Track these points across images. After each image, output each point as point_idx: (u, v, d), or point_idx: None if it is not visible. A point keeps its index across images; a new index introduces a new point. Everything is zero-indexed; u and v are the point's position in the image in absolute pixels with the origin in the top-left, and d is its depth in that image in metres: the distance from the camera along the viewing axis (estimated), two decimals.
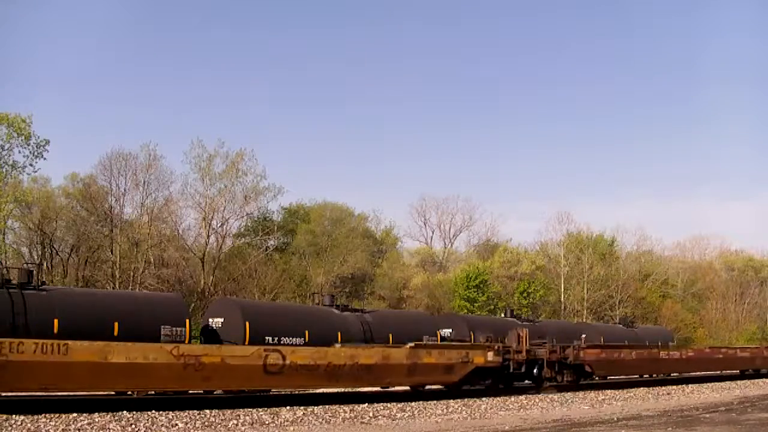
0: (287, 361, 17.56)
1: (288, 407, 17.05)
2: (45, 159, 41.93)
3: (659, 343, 34.84)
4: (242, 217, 53.03)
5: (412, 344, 21.11)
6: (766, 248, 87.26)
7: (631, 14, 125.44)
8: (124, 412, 14.82)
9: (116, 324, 18.92)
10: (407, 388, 24.07)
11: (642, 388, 26.46)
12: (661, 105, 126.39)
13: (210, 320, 23.28)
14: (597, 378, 28.16)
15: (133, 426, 13.31)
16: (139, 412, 14.90)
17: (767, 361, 37.35)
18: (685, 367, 33.10)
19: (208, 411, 15.78)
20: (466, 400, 20.37)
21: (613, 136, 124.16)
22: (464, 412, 17.43)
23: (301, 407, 17.05)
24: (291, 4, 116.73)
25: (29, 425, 12.85)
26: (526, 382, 25.43)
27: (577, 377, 26.15)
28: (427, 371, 20.97)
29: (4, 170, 40.78)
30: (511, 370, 23.41)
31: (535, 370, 24.79)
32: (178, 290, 40.77)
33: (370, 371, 19.32)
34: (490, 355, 22.69)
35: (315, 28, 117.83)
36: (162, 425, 13.62)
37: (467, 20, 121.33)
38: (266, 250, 53.79)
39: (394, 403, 18.69)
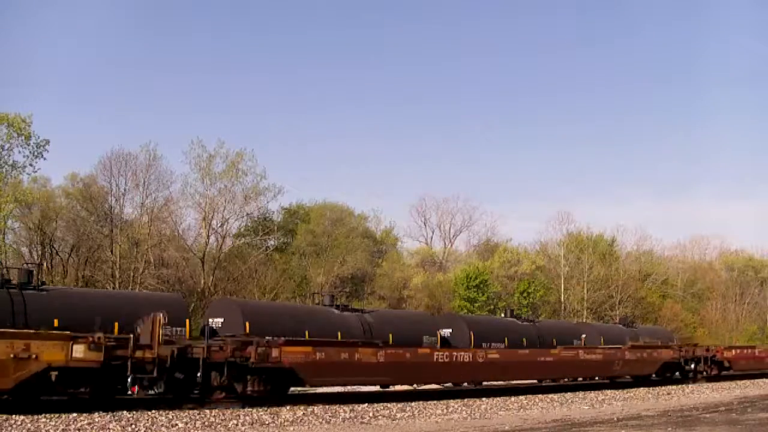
0: None
1: (288, 407, 17.06)
2: (45, 159, 41.98)
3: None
4: (242, 217, 53.07)
5: None
6: (766, 248, 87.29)
7: (631, 16, 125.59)
8: (124, 412, 14.83)
9: (116, 324, 18.90)
10: (409, 387, 23.98)
11: (642, 388, 26.49)
12: (661, 105, 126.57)
13: (210, 320, 23.24)
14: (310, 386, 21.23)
15: (133, 426, 13.32)
16: (139, 412, 14.91)
17: (633, 365, 29.61)
18: (478, 374, 24.29)
19: (208, 411, 15.81)
20: (466, 400, 20.38)
21: (613, 136, 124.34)
22: (464, 412, 17.44)
23: (301, 407, 17.07)
24: (291, 4, 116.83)
25: (29, 425, 12.85)
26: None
27: (276, 386, 19.12)
28: None
29: (4, 170, 40.77)
30: (129, 374, 16.37)
31: (198, 376, 17.51)
32: (178, 290, 40.74)
33: None
34: (79, 350, 15.72)
35: (315, 28, 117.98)
36: (162, 425, 13.62)
37: (467, 21, 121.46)
38: (266, 250, 53.77)
39: (394, 403, 18.70)
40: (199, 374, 17.54)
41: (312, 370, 19.39)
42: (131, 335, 16.73)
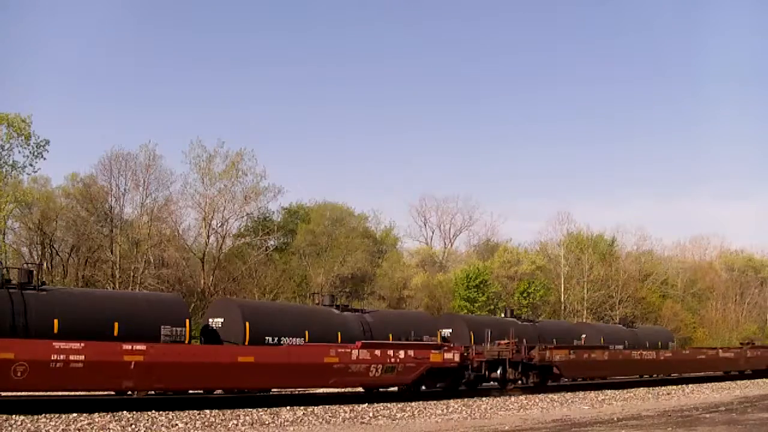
0: None
1: (288, 407, 17.05)
2: (45, 159, 41.90)
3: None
4: (242, 217, 52.98)
5: None
6: (766, 248, 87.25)
7: (631, 14, 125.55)
8: (124, 412, 14.83)
9: (116, 324, 18.90)
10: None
11: (642, 388, 26.46)
12: (661, 105, 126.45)
13: (210, 320, 23.26)
14: None
15: (133, 426, 13.32)
16: (139, 412, 14.90)
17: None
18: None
19: (208, 411, 15.80)
20: (466, 400, 20.37)
21: (613, 136, 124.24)
22: (464, 412, 17.43)
23: (301, 407, 17.06)
24: (291, 4, 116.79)
25: (29, 425, 12.85)
26: None
27: None
28: None
29: (4, 170, 40.74)
30: None
31: None
32: (178, 290, 40.73)
33: None
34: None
35: (314, 28, 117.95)
36: (162, 425, 13.62)
37: (467, 19, 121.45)
38: (266, 250, 53.70)
39: (394, 403, 18.69)
40: None
41: None
42: None
